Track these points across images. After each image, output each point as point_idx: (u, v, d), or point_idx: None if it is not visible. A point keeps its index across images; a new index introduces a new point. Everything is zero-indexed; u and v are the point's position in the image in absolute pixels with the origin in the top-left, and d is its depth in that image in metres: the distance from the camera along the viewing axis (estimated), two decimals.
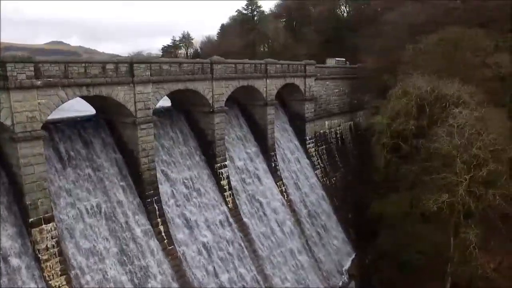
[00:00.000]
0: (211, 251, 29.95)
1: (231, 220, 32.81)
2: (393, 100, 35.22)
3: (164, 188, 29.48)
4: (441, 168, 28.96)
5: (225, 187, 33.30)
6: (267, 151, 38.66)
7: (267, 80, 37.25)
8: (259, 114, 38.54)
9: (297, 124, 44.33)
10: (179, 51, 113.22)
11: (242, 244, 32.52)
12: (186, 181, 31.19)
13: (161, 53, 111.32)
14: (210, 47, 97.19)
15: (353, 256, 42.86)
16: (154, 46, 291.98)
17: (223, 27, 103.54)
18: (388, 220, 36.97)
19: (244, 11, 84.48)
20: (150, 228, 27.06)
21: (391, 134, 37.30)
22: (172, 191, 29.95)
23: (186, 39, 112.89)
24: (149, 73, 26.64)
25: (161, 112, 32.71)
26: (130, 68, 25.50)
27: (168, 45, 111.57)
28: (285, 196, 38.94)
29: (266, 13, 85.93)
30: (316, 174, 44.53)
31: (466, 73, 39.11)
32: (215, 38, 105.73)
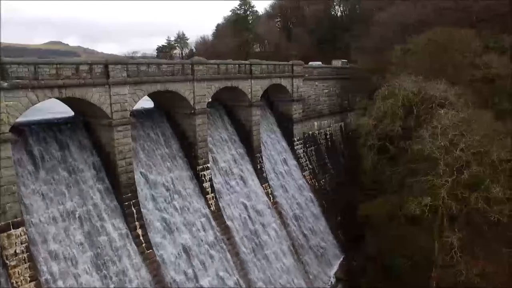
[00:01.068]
0: (191, 254, 29.49)
1: (213, 223, 32.35)
2: (379, 101, 34.71)
3: (144, 191, 29.03)
4: (425, 170, 28.46)
5: (207, 190, 32.85)
6: (252, 152, 38.21)
7: (252, 81, 36.78)
8: (244, 115, 38.09)
9: (285, 125, 43.88)
10: (174, 51, 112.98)
11: (225, 247, 32.06)
12: (166, 183, 30.74)
13: (156, 54, 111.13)
14: (205, 48, 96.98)
15: (341, 259, 42.37)
16: (152, 46, 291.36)
17: (218, 28, 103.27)
18: (375, 223, 36.48)
19: (237, 11, 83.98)
20: (127, 231, 26.60)
21: (378, 136, 36.80)
22: (152, 193, 29.48)
23: (181, 40, 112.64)
24: (126, 74, 26.19)
25: (142, 114, 32.34)
26: (105, 69, 25.06)
27: (163, 45, 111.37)
28: (271, 198, 38.48)
29: (259, 13, 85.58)
30: (304, 176, 44.05)
31: (454, 74, 38.67)
32: (211, 38, 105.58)
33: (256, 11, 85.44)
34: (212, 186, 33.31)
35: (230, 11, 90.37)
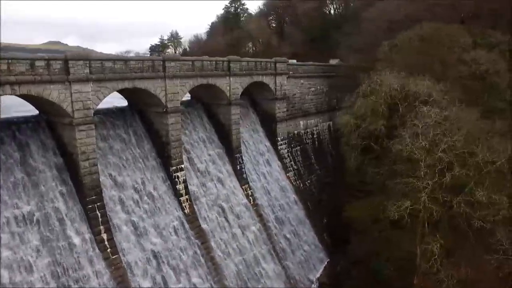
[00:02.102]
0: (161, 259, 28.16)
1: (187, 226, 31.01)
2: (360, 98, 33.28)
3: (111, 193, 27.72)
4: (406, 172, 27.03)
5: (181, 192, 31.51)
6: (232, 153, 36.85)
7: (231, 79, 35.41)
8: (223, 114, 36.74)
9: (268, 125, 42.51)
10: (167, 50, 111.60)
11: (198, 252, 30.71)
12: (137, 185, 29.41)
13: (149, 53, 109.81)
14: (198, 46, 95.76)
15: (326, 263, 40.98)
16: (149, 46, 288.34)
17: (212, 26, 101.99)
18: (359, 225, 35.10)
19: (228, 9, 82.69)
20: (91, 236, 25.29)
21: (362, 135, 35.35)
22: (120, 196, 28.14)
23: (174, 38, 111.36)
24: (88, 70, 24.87)
25: (113, 113, 31.06)
26: (64, 66, 23.76)
27: (156, 44, 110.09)
28: (251, 200, 37.10)
29: (249, 11, 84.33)
30: (288, 177, 42.67)
31: (442, 70, 37.26)
32: (205, 36, 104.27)
33: (247, 9, 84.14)
34: (186, 187, 31.97)
35: (223, 9, 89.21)
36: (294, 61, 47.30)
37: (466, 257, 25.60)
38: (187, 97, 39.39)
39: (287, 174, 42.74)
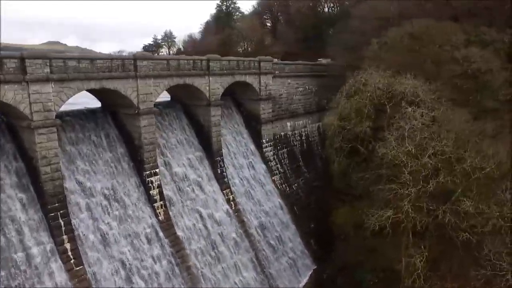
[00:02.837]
0: (131, 270, 26.59)
1: (161, 234, 29.42)
2: (343, 98, 31.59)
3: (78, 200, 26.14)
4: (391, 177, 25.33)
5: (155, 197, 29.92)
6: (212, 156, 35.23)
7: (210, 78, 33.79)
8: (203, 115, 35.13)
9: (253, 126, 40.86)
10: (162, 50, 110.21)
11: (173, 261, 29.13)
12: (106, 191, 27.81)
13: None
14: (193, 46, 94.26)
15: (312, 270, 39.32)
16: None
17: (206, 25, 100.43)
18: (344, 232, 33.47)
19: (219, 8, 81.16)
20: (52, 246, 23.74)
21: (348, 137, 33.69)
22: (88, 203, 26.56)
23: (168, 38, 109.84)
24: (49, 70, 23.30)
25: (83, 114, 29.49)
26: (21, 64, 22.20)
27: (149, 44, 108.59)
28: (233, 206, 35.48)
29: (241, 10, 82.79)
30: (273, 181, 41.03)
31: (433, 69, 35.61)
32: (199, 36, 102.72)
33: (239, 7, 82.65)
34: (161, 193, 30.37)
35: (215, 8, 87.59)
36: (276, 60, 45.43)
37: (453, 269, 23.89)
38: (167, 97, 37.98)
39: (273, 178, 41.10)
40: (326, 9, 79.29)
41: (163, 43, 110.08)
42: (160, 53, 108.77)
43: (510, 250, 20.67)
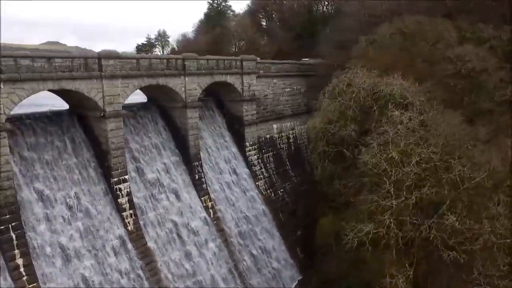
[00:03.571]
0: (93, 286, 24.59)
1: (129, 245, 27.41)
2: (325, 100, 29.51)
3: (36, 210, 24.14)
4: (373, 187, 23.21)
5: (124, 206, 27.91)
6: (190, 161, 33.21)
7: (186, 78, 31.78)
8: (179, 118, 33.12)
9: (236, 129, 38.82)
10: (155, 50, 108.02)
11: (142, 275, 27.12)
12: (69, 199, 25.80)
13: (136, 53, 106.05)
14: (186, 45, 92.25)
15: (297, 281, 37.29)
16: None
17: (200, 24, 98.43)
18: (329, 242, 31.42)
19: (210, 6, 79.17)
20: (2, 263, 21.70)
21: (333, 141, 31.59)
22: (47, 213, 24.56)
23: (162, 38, 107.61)
24: None
25: (46, 117, 27.50)
26: None
27: (142, 43, 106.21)
28: (211, 214, 33.47)
29: (233, 8, 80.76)
30: (257, 186, 38.99)
31: (424, 68, 33.53)
32: (192, 35, 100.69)
33: (230, 6, 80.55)
34: (130, 201, 28.36)
35: (207, 7, 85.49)
36: (258, 58, 43.15)
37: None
38: (143, 99, 36.04)
39: (257, 183, 39.06)
40: (321, 8, 77.10)
41: (156, 43, 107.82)
42: (153, 53, 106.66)
43: (503, 273, 18.43)
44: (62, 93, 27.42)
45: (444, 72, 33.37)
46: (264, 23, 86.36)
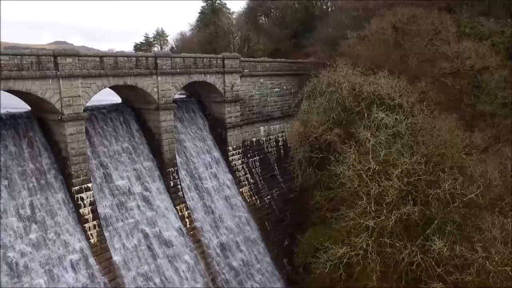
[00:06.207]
0: None
1: (91, 260, 25.23)
2: (304, 101, 26.92)
3: None
4: (353, 202, 20.57)
5: (86, 217, 25.76)
6: (164, 166, 30.95)
7: (158, 78, 29.52)
8: (153, 121, 30.87)
9: (218, 132, 36.46)
10: (153, 49, 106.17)
11: None
12: (22, 210, 23.73)
13: (134, 51, 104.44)
14: (184, 43, 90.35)
15: None
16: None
17: (197, 22, 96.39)
18: (309, 259, 28.83)
19: (206, 3, 76.93)
20: None
21: (318, 146, 29.03)
22: None
23: (160, 36, 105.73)
24: None
25: (6, 120, 25.50)
26: None
27: (141, 42, 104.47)
28: (187, 223, 31.18)
29: (227, 6, 78.41)
30: (241, 193, 36.61)
31: (418, 66, 30.81)
32: (189, 33, 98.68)
33: (225, 4, 78.22)
34: (94, 211, 26.20)
35: (202, 5, 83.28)
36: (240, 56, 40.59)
37: None
38: (118, 99, 33.90)
39: (240, 189, 36.67)
40: (319, 4, 74.26)
41: (155, 42, 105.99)
42: (151, 52, 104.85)
43: None
44: (18, 94, 25.33)
45: (441, 70, 30.62)
46: (261, 21, 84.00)
